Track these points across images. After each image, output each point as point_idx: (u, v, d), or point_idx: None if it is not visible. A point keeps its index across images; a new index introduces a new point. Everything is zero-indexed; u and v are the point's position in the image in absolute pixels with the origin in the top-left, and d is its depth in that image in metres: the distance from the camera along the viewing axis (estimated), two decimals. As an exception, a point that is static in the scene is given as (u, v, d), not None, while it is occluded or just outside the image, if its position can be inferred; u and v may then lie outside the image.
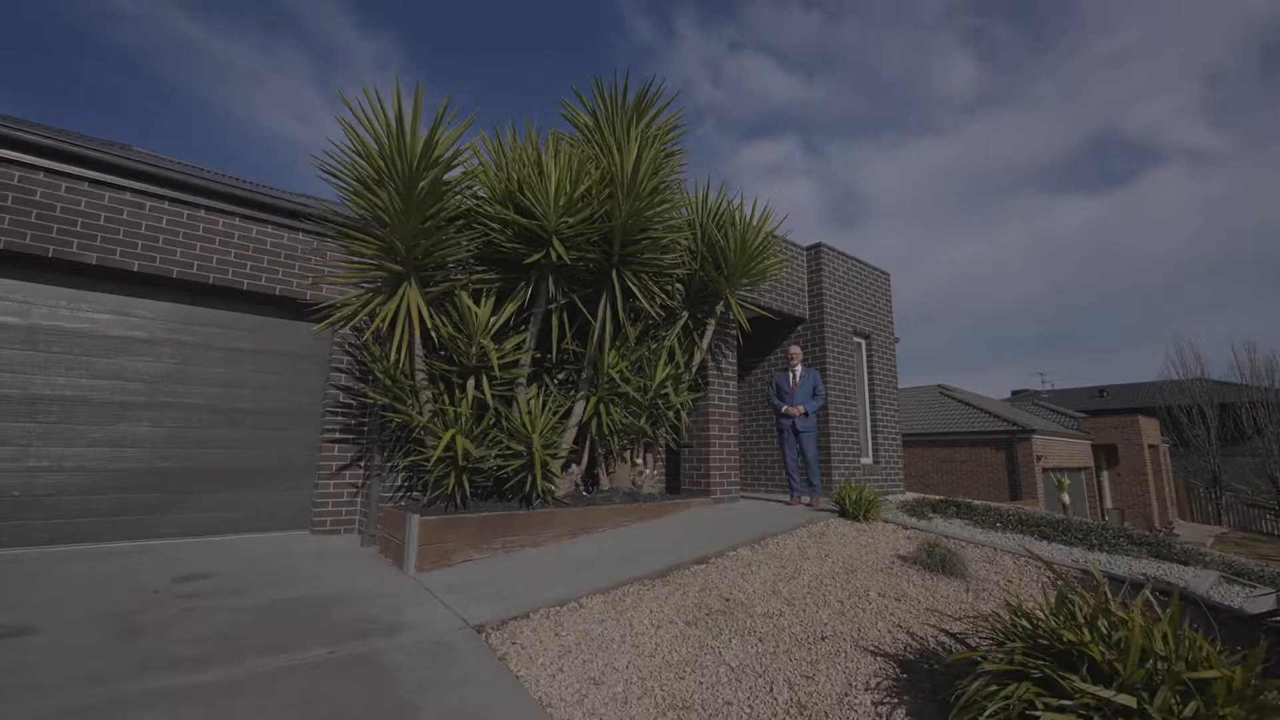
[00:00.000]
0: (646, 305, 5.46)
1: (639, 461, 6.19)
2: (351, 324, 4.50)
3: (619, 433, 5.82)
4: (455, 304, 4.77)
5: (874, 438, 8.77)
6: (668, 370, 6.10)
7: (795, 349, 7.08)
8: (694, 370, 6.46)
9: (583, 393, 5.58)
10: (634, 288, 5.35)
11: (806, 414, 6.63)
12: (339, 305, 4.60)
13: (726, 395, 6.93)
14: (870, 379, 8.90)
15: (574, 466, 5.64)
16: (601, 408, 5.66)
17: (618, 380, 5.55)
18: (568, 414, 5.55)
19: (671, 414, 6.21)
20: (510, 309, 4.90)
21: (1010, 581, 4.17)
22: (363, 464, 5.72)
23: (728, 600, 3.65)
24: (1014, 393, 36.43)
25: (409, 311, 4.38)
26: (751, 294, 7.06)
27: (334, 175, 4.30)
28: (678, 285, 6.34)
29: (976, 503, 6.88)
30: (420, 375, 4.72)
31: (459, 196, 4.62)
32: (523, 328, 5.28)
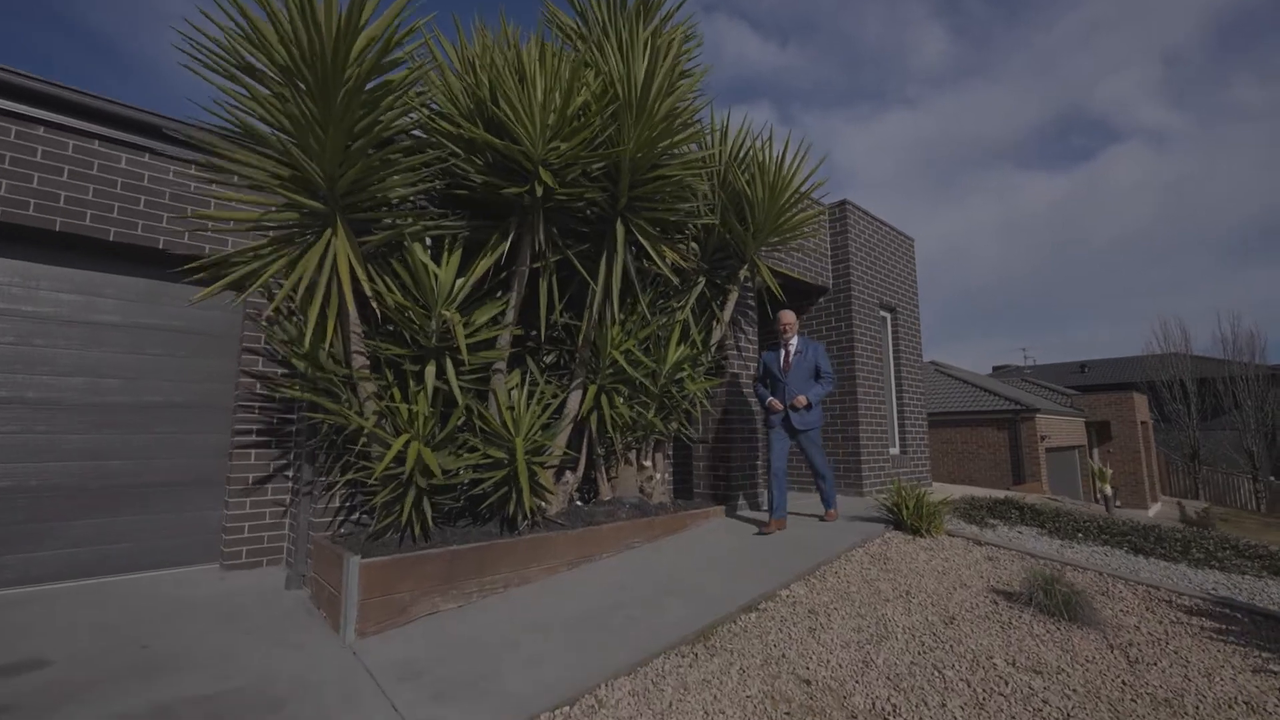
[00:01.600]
0: (659, 265, 4.21)
1: (647, 463, 5.01)
2: (252, 290, 3.15)
3: (624, 429, 4.62)
4: (406, 261, 3.46)
5: (901, 425, 7.76)
6: (682, 350, 4.89)
7: (787, 316, 4.99)
8: (713, 350, 5.27)
9: (579, 380, 4.34)
10: (645, 243, 4.10)
11: (810, 405, 4.78)
12: (230, 262, 3.24)
13: (749, 379, 5.77)
14: (896, 359, 7.85)
15: (568, 474, 4.43)
16: (603, 399, 4.44)
17: (624, 363, 4.32)
18: (560, 408, 4.32)
19: (686, 403, 5.02)
20: (482, 268, 3.60)
21: (1147, 626, 3.15)
22: (290, 474, 4.41)
23: (808, 684, 2.52)
24: (995, 368, 36.33)
25: (336, 270, 3.06)
26: (777, 256, 5.87)
27: (210, 66, 2.90)
28: (692, 243, 5.10)
29: (1035, 502, 5.90)
30: (359, 361, 3.41)
31: (405, 107, 3.27)
32: (499, 295, 4.00)
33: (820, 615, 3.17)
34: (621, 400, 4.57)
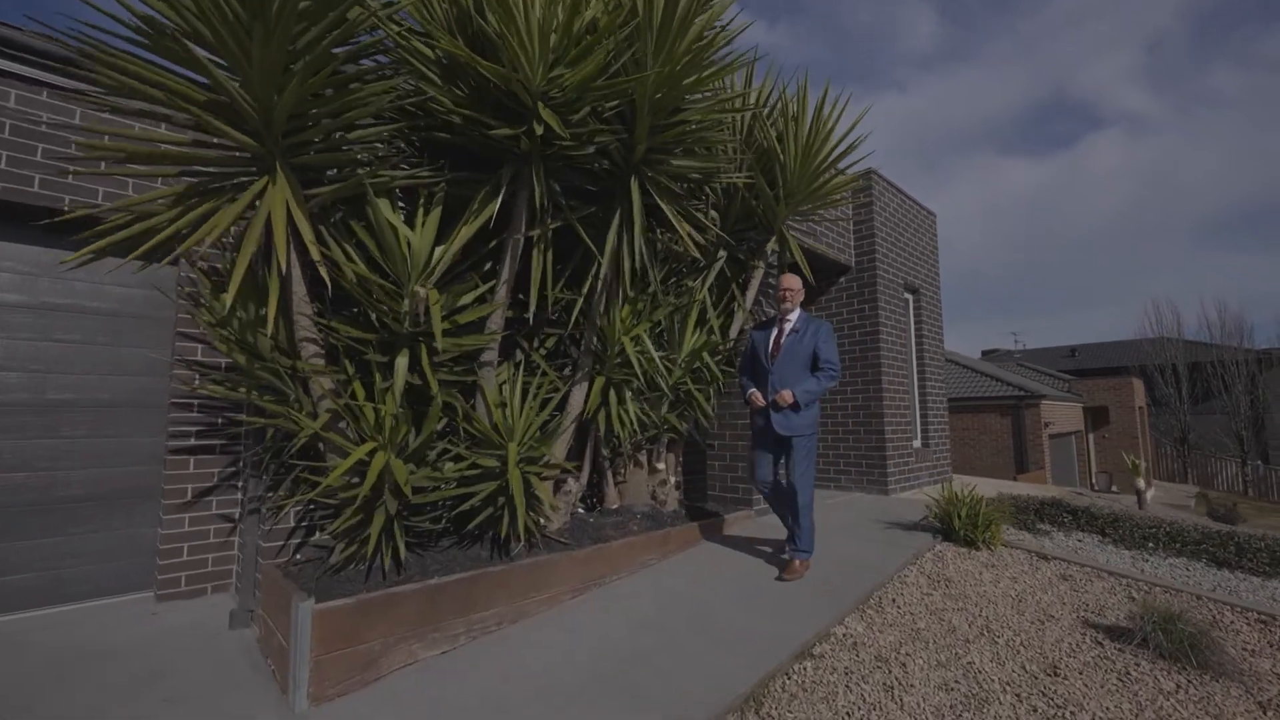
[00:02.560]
0: (684, 233, 3.51)
1: (660, 465, 4.36)
2: (178, 255, 2.40)
3: (635, 428, 3.95)
4: (370, 223, 2.72)
5: (923, 416, 7.19)
6: (698, 337, 4.22)
7: (791, 280, 3.66)
8: (733, 338, 4.60)
9: (583, 371, 3.65)
10: (664, 206, 3.39)
11: (799, 406, 3.43)
12: (133, 221, 2.47)
13: (768, 368, 5.10)
14: (919, 344, 7.25)
15: (570, 481, 3.75)
16: (612, 394, 3.76)
17: (633, 352, 3.63)
18: (562, 405, 3.63)
19: (702, 397, 4.36)
20: (467, 233, 2.87)
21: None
22: (239, 484, 3.69)
23: (908, 781, 1.90)
24: (984, 353, 36.19)
25: (274, 229, 2.31)
26: (798, 231, 5.18)
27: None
28: (711, 211, 4.40)
29: (1085, 505, 5.36)
30: (310, 350, 2.69)
31: (365, 20, 2.50)
32: (488, 267, 3.28)
33: (892, 664, 2.56)
34: (631, 394, 3.90)
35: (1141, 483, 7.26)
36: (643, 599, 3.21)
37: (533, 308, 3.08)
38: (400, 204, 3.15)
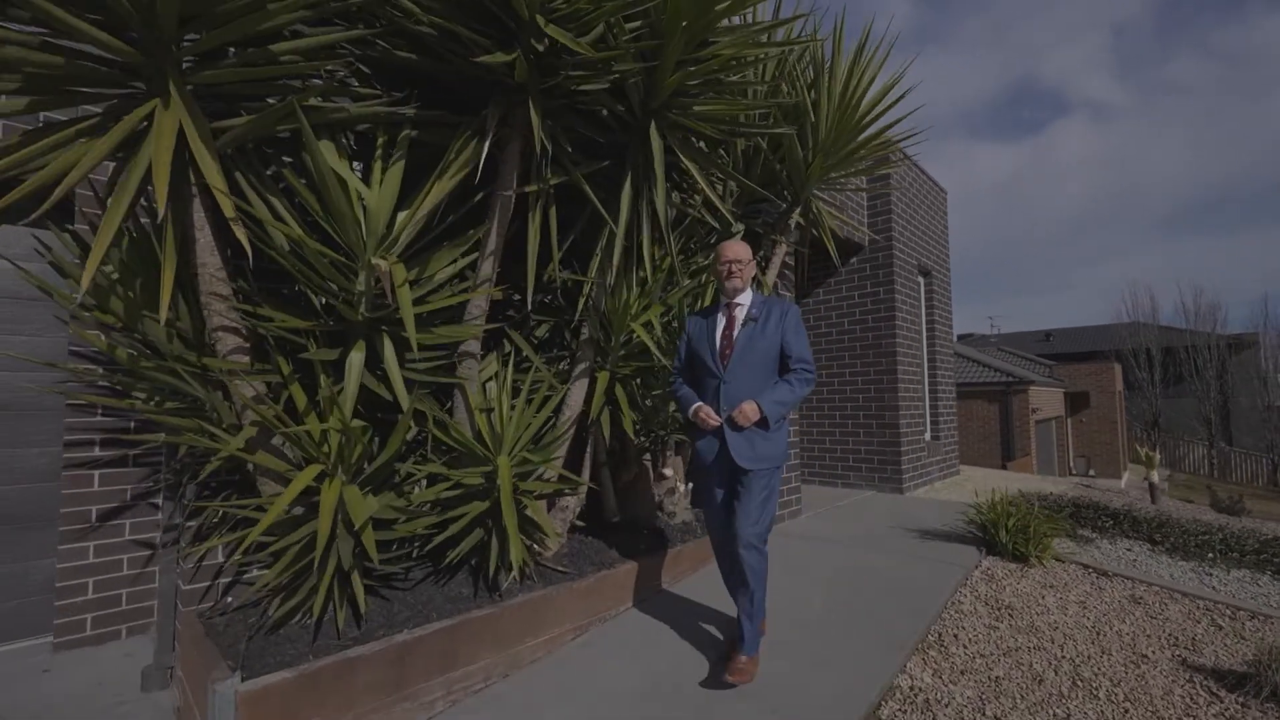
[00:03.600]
0: (712, 196, 2.90)
1: (667, 471, 3.79)
2: (44, 210, 1.70)
3: (642, 429, 3.37)
4: (310, 171, 2.04)
5: (933, 407, 6.76)
6: (714, 321, 3.62)
7: (736, 250, 2.47)
8: (750, 321, 4.02)
9: (583, 366, 3.03)
10: (688, 163, 2.76)
11: (768, 424, 2.33)
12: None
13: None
14: (930, 331, 6.79)
15: (568, 496, 3.16)
16: (619, 390, 3.15)
17: (649, 340, 3.02)
18: (560, 406, 3.01)
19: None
20: (441, 190, 2.22)
21: None
22: (159, 503, 3.01)
23: None
24: (959, 337, 36.45)
25: (156, 170, 1.63)
26: (827, 196, 4.58)
27: None
28: (715, 185, 3.77)
29: (1123, 507, 4.97)
30: (230, 342, 2.02)
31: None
32: (468, 236, 2.63)
33: (984, 734, 2.05)
34: (640, 390, 3.31)
35: (1155, 475, 6.98)
36: (660, 646, 2.65)
37: (530, 287, 2.44)
38: (355, 164, 2.47)
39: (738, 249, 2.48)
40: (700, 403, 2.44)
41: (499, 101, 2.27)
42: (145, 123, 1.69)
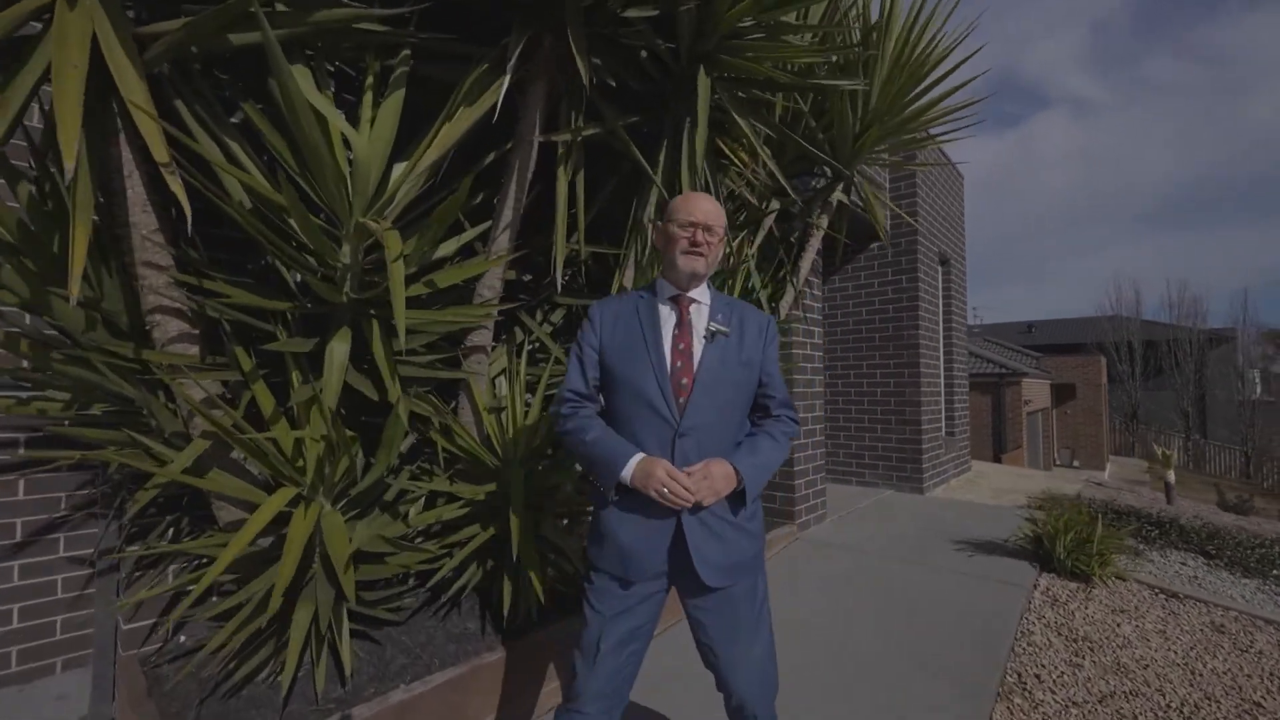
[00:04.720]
0: (764, 155, 2.47)
1: (691, 477, 3.38)
2: None
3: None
4: (279, 103, 1.56)
5: (948, 401, 6.46)
6: (745, 309, 3.21)
7: (705, 211, 1.40)
8: (781, 315, 3.62)
9: (607, 357, 2.59)
10: (739, 119, 2.32)
11: (747, 497, 1.34)
12: None
13: (811, 353, 4.18)
14: (947, 322, 6.47)
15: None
16: (647, 389, 2.72)
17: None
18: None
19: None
20: (448, 138, 1.75)
21: None
22: (105, 516, 2.52)
23: None
24: (945, 328, 36.55)
25: (59, 84, 1.15)
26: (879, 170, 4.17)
27: None
28: (765, 148, 3.33)
29: (1168, 514, 4.71)
30: (173, 328, 1.54)
31: None
32: (477, 201, 2.16)
33: (1108, 814, 1.70)
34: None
35: (1171, 475, 6.80)
36: (695, 673, 2.26)
37: (560, 259, 1.99)
38: (330, 82, 1.98)
39: (707, 206, 1.42)
40: (646, 455, 1.31)
41: (521, 26, 1.79)
42: (39, 22, 1.20)
